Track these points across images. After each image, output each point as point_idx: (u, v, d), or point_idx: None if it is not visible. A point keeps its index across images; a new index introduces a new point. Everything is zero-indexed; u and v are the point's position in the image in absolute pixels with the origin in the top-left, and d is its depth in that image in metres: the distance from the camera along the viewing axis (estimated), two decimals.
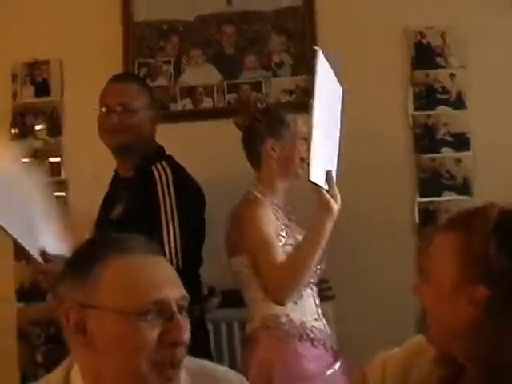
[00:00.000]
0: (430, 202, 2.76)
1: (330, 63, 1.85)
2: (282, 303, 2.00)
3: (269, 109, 2.25)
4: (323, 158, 1.80)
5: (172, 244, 2.08)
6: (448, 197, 2.76)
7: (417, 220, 2.75)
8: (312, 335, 2.08)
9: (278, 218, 2.14)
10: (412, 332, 1.34)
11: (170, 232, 2.08)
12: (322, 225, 1.89)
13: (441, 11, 2.81)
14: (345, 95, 2.02)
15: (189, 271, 2.09)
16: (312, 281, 2.13)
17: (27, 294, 2.80)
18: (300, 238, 2.10)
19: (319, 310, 2.17)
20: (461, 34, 2.79)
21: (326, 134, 1.83)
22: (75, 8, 2.92)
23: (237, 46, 2.84)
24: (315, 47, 1.73)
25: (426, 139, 2.78)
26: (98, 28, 2.90)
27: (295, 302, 2.07)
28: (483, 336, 1.08)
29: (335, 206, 1.85)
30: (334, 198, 1.84)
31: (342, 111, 2.00)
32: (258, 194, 2.16)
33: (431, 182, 2.76)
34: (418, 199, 2.76)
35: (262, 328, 2.08)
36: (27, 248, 1.86)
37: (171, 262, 2.02)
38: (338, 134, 1.98)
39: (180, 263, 2.06)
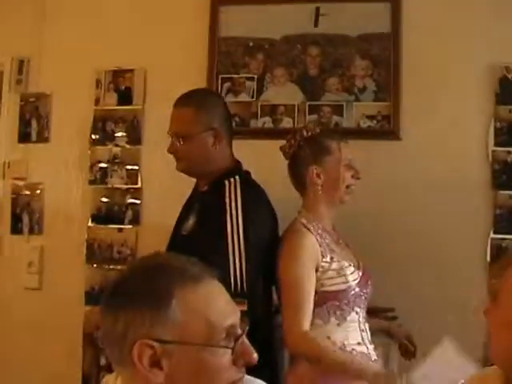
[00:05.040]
0: (504, 239, 2.72)
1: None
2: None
3: (313, 137, 2.28)
4: None
5: (237, 259, 2.10)
6: None
7: (488, 256, 2.72)
8: None
9: (321, 244, 2.18)
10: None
11: (236, 249, 2.11)
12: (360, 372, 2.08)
13: None
14: None
15: (255, 291, 2.13)
16: (359, 305, 2.19)
17: (96, 297, 2.82)
18: (346, 264, 2.16)
19: (364, 335, 2.21)
20: None
21: None
22: (162, 19, 2.96)
23: (321, 67, 2.83)
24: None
25: (504, 176, 2.74)
26: (183, 40, 2.93)
27: (338, 324, 2.15)
28: None
29: None
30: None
31: None
32: (304, 221, 2.21)
33: (507, 219, 2.73)
34: (492, 235, 2.73)
35: None
36: None
37: (235, 281, 2.07)
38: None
39: (244, 284, 2.09)
